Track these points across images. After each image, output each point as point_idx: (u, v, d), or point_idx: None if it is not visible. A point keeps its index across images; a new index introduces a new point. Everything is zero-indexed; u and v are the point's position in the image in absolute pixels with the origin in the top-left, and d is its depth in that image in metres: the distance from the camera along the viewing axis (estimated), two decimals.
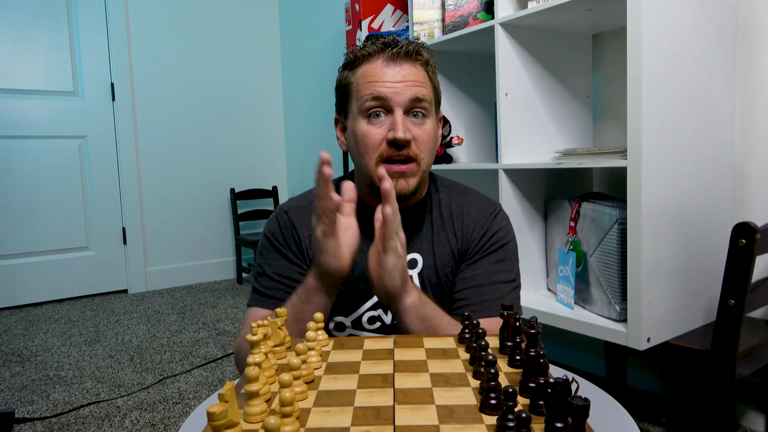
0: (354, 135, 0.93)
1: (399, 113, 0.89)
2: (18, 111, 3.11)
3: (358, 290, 0.97)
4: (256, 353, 0.65)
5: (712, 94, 1.44)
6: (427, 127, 0.92)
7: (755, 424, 1.58)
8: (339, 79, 0.97)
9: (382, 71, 0.90)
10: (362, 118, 0.91)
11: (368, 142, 0.91)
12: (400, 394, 0.63)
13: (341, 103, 0.97)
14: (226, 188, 3.76)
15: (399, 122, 0.88)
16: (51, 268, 3.22)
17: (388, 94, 0.89)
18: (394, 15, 2.31)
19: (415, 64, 0.92)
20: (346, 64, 0.96)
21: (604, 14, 1.58)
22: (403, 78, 0.90)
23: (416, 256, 0.98)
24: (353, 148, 0.95)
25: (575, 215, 1.60)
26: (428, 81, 0.94)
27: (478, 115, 2.12)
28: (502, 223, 1.01)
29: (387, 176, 0.78)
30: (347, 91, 0.95)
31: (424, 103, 0.91)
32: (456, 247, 1.00)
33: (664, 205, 1.33)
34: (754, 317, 1.51)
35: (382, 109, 0.90)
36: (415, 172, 0.92)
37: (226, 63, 3.72)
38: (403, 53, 0.91)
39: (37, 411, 1.83)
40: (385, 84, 0.89)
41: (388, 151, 0.90)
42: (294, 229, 0.99)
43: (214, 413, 0.50)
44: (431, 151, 0.94)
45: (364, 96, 0.90)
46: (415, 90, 0.90)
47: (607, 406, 0.73)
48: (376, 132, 0.90)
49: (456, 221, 1.01)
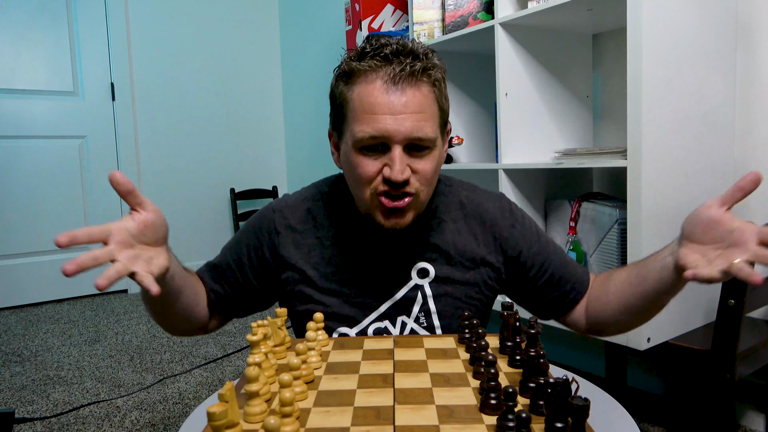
0: (348, 163, 0.87)
1: (398, 150, 0.81)
2: (18, 111, 3.11)
3: (364, 301, 0.93)
4: (256, 353, 0.65)
5: (712, 94, 1.44)
6: (429, 160, 0.84)
7: (755, 424, 1.58)
8: (333, 91, 0.88)
9: (381, 98, 0.81)
10: (356, 150, 0.84)
11: (362, 175, 0.84)
12: (400, 394, 0.63)
13: (336, 120, 0.89)
14: (226, 188, 3.76)
15: (396, 161, 0.81)
16: (51, 268, 3.21)
17: (387, 131, 0.80)
18: (394, 15, 2.31)
19: (420, 87, 0.82)
20: (341, 73, 0.86)
21: (604, 14, 1.58)
22: (404, 108, 0.80)
23: (427, 266, 0.94)
24: (347, 174, 0.90)
25: (575, 215, 1.60)
26: (434, 105, 0.85)
27: (478, 115, 2.12)
28: (520, 211, 1.01)
29: None
30: (342, 112, 0.86)
31: (427, 141, 0.83)
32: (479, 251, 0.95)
33: (664, 205, 1.33)
34: (754, 317, 1.51)
35: (380, 145, 0.82)
36: (412, 206, 0.85)
37: (226, 63, 3.72)
38: (407, 74, 0.81)
39: (37, 411, 1.83)
40: (384, 117, 0.80)
41: (383, 186, 0.83)
42: (276, 232, 0.95)
43: (214, 413, 0.50)
44: (432, 181, 0.87)
45: (360, 130, 0.82)
46: (417, 127, 0.81)
47: (607, 406, 0.73)
48: (372, 165, 0.83)
49: (473, 223, 0.97)
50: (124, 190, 0.72)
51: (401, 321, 0.93)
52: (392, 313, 0.93)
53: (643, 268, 0.84)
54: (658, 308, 0.87)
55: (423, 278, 0.94)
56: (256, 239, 0.97)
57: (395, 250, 0.94)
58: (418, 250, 0.94)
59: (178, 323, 0.94)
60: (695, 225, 0.74)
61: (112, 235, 0.68)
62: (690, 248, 0.74)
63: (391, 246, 0.94)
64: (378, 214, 0.86)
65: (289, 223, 0.96)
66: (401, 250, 0.94)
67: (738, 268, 0.66)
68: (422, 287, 0.94)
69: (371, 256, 0.94)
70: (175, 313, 0.90)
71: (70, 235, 0.63)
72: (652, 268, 0.81)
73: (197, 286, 0.96)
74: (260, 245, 0.96)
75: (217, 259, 1.01)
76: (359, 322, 0.93)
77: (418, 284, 0.94)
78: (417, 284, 0.94)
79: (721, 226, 0.71)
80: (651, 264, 0.82)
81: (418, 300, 0.93)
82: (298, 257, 0.94)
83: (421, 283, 0.94)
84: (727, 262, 0.67)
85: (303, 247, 0.95)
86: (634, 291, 0.85)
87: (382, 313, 0.93)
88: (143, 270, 0.68)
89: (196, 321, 0.96)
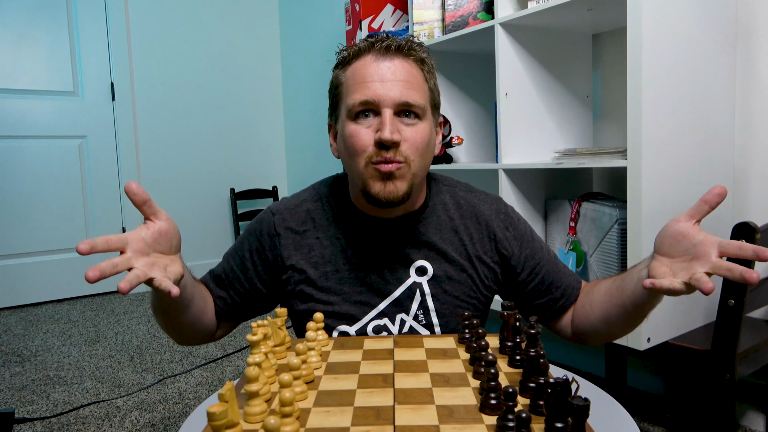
0: (343, 137, 0.89)
1: (388, 113, 0.84)
2: (18, 111, 3.11)
3: (363, 299, 0.94)
4: (256, 353, 0.65)
5: (712, 94, 1.44)
6: (419, 129, 0.87)
7: (755, 424, 1.58)
8: (332, 82, 0.93)
9: (372, 67, 0.86)
10: (350, 120, 0.87)
11: (356, 143, 0.86)
12: (400, 394, 0.63)
13: (333, 107, 0.93)
14: (226, 188, 3.76)
15: (387, 122, 0.83)
16: (51, 268, 3.21)
17: (377, 95, 0.84)
18: (394, 15, 2.31)
19: (408, 60, 0.87)
20: (338, 63, 0.92)
21: (604, 14, 1.58)
22: (393, 74, 0.85)
23: (425, 264, 0.95)
24: (343, 152, 0.91)
25: (575, 215, 1.60)
26: (422, 80, 0.89)
27: (478, 115, 2.12)
28: (516, 214, 1.02)
29: None
30: (338, 93, 0.91)
31: (415, 108, 0.86)
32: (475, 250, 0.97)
33: (664, 205, 1.33)
34: (754, 317, 1.51)
35: (371, 110, 0.86)
36: (405, 174, 0.86)
37: (226, 63, 3.72)
38: (395, 47, 0.86)
39: (37, 411, 1.83)
40: (374, 84, 0.85)
41: (376, 154, 0.85)
42: (276, 234, 0.96)
43: (214, 413, 0.50)
44: (423, 154, 0.88)
45: (352, 99, 0.86)
46: (405, 93, 0.85)
47: (607, 406, 0.73)
48: (365, 133, 0.86)
49: (469, 222, 0.98)
50: (139, 200, 0.74)
51: (400, 318, 0.94)
52: (391, 311, 0.94)
53: (622, 281, 0.86)
54: (637, 320, 0.88)
55: (421, 276, 0.95)
56: (257, 242, 0.98)
57: (394, 248, 0.95)
58: (416, 248, 0.95)
59: (189, 332, 0.95)
60: (665, 238, 0.77)
61: (129, 244, 0.71)
62: (660, 261, 0.76)
63: (390, 244, 0.95)
64: (373, 183, 0.87)
65: (289, 225, 0.97)
66: (400, 249, 0.95)
67: (696, 279, 0.68)
68: (420, 285, 0.95)
69: (370, 255, 0.95)
70: (185, 322, 0.91)
71: (91, 243, 0.66)
72: (629, 281, 0.83)
73: (205, 295, 0.97)
74: (262, 248, 0.97)
75: (219, 266, 1.02)
76: (359, 320, 0.94)
77: (416, 282, 0.95)
78: (415, 282, 0.95)
79: (687, 239, 0.74)
80: (629, 276, 0.84)
81: (416, 298, 0.94)
82: (299, 257, 0.95)
83: (420, 281, 0.95)
84: (689, 274, 0.70)
85: (303, 248, 0.96)
86: (614, 303, 0.87)
87: (381, 311, 0.94)
88: (161, 275, 0.70)
89: (205, 329, 0.97)
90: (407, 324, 0.94)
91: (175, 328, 0.93)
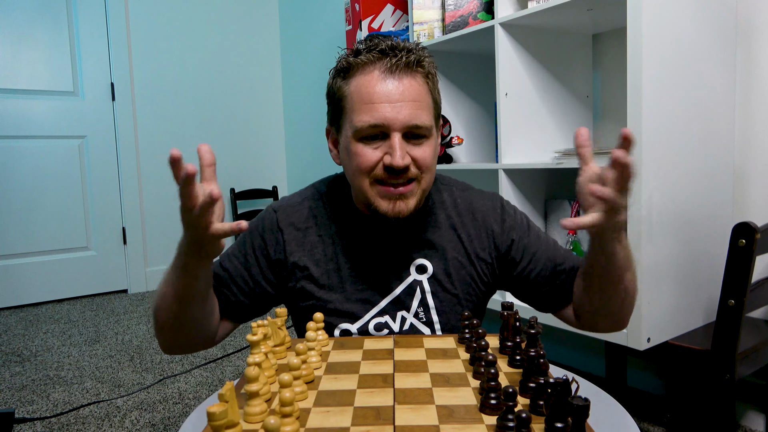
0: (348, 154, 0.88)
1: (397, 137, 0.83)
2: (18, 111, 3.11)
3: (364, 297, 0.94)
4: (256, 353, 0.65)
5: (712, 94, 1.44)
6: (427, 147, 0.87)
7: (755, 424, 1.58)
8: (331, 87, 0.91)
9: (379, 87, 0.84)
10: (356, 140, 0.86)
11: (362, 164, 0.85)
12: (400, 394, 0.63)
13: (334, 116, 0.91)
14: (226, 188, 3.76)
15: (397, 148, 0.83)
16: (51, 268, 3.21)
17: (386, 119, 0.83)
18: (394, 15, 2.31)
19: (416, 77, 0.86)
20: (339, 70, 0.89)
21: (604, 14, 1.58)
22: (401, 96, 0.83)
23: (425, 262, 0.96)
24: (347, 166, 0.91)
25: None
26: (428, 96, 0.88)
27: (478, 115, 2.12)
28: (512, 207, 1.02)
29: None
30: (341, 105, 0.88)
31: (423, 129, 0.85)
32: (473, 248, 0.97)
33: (664, 205, 1.33)
34: (754, 317, 1.51)
35: (379, 132, 0.85)
36: (415, 192, 0.87)
37: (226, 63, 3.72)
38: (403, 65, 0.84)
39: (37, 411, 1.83)
40: (382, 105, 0.83)
41: (383, 174, 0.85)
42: (279, 230, 0.96)
43: (214, 413, 0.50)
44: (431, 168, 0.89)
45: (360, 120, 0.84)
46: (414, 115, 0.84)
47: (607, 406, 0.73)
48: (372, 154, 0.85)
49: (466, 219, 0.98)
50: (207, 161, 0.74)
51: (401, 316, 0.95)
52: (392, 309, 0.95)
53: None
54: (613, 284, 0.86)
55: (421, 274, 0.96)
56: (261, 240, 0.97)
57: (394, 246, 0.96)
58: (416, 246, 0.96)
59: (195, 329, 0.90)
60: (580, 195, 0.80)
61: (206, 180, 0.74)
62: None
63: (390, 243, 0.96)
64: (381, 202, 0.87)
65: (292, 221, 0.97)
66: (400, 247, 0.96)
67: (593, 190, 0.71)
68: (421, 283, 0.95)
69: (371, 253, 0.95)
70: (196, 318, 0.87)
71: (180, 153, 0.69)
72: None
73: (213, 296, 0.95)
74: (265, 245, 0.96)
75: (220, 266, 0.99)
76: (360, 317, 0.94)
77: (416, 280, 0.95)
78: (416, 280, 0.95)
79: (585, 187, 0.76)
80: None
81: (417, 295, 0.95)
82: (301, 254, 0.95)
83: (420, 278, 0.95)
84: (593, 199, 0.73)
85: (305, 245, 0.96)
86: (587, 271, 0.89)
87: (382, 309, 0.94)
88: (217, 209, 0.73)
89: (210, 329, 0.93)
90: (408, 321, 0.94)
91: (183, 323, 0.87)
